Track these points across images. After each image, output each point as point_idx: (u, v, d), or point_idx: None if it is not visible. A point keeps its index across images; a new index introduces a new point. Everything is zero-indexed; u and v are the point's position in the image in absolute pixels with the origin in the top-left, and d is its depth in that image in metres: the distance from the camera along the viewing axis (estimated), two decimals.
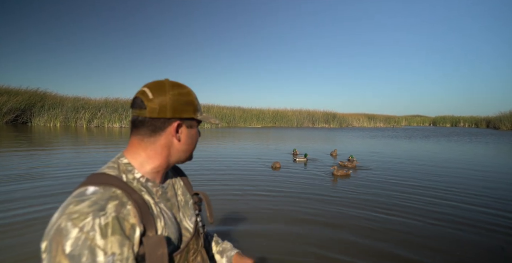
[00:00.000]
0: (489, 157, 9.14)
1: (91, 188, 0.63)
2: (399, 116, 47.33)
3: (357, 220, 3.21)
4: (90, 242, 0.55)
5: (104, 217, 0.58)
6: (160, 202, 0.72)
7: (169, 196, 0.77)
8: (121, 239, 0.58)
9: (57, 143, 10.03)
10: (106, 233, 0.57)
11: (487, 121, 36.99)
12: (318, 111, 34.82)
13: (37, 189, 4.06)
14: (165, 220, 0.70)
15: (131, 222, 0.60)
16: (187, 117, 0.73)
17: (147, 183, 0.72)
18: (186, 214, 0.81)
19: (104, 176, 0.67)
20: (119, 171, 0.69)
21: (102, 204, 0.59)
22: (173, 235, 0.70)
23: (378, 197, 4.15)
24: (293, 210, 3.49)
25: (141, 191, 0.69)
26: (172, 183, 0.82)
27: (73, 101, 21.61)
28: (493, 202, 3.99)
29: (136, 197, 0.65)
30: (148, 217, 0.64)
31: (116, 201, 0.61)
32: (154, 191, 0.72)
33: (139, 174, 0.72)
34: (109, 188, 0.63)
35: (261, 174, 5.61)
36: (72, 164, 5.94)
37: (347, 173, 5.98)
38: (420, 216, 3.36)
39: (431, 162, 7.64)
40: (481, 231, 2.96)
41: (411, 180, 5.38)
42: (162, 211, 0.71)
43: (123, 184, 0.66)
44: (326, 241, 2.64)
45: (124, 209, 0.61)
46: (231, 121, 29.15)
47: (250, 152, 8.97)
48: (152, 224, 0.64)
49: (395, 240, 2.71)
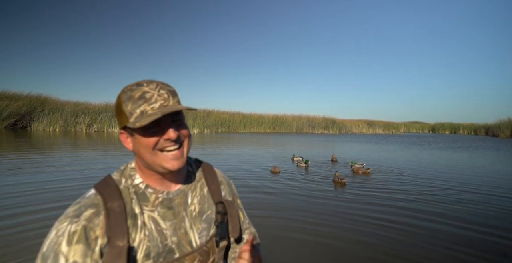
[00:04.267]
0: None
1: (92, 191, 0.66)
2: (398, 122, 47.44)
3: (359, 224, 3.20)
4: (57, 246, 0.58)
5: (75, 225, 0.59)
6: (154, 210, 0.68)
7: (174, 204, 0.72)
8: (84, 249, 0.58)
9: (57, 147, 10.01)
10: (72, 240, 0.58)
11: (486, 128, 37.04)
12: (317, 117, 34.91)
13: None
14: (149, 231, 0.66)
15: (97, 233, 0.60)
16: (124, 126, 0.68)
17: (147, 189, 0.70)
18: (195, 225, 0.73)
19: (106, 180, 0.68)
20: (121, 176, 0.70)
21: (82, 211, 0.61)
22: (155, 247, 0.65)
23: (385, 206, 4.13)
24: (293, 213, 3.48)
25: (131, 199, 0.67)
26: (188, 190, 0.76)
27: (73, 106, 21.63)
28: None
29: (115, 205, 0.63)
30: (120, 227, 0.62)
31: (93, 210, 0.62)
32: (152, 198, 0.69)
33: (139, 179, 0.70)
34: (97, 194, 0.64)
35: (260, 178, 5.59)
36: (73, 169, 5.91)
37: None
38: (423, 214, 3.35)
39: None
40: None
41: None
42: (150, 220, 0.67)
43: (112, 191, 0.65)
44: (327, 245, 2.63)
45: (97, 218, 0.61)
46: (231, 127, 29.14)
47: (249, 156, 8.95)
48: (125, 234, 0.62)
49: (397, 245, 2.69)
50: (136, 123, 0.61)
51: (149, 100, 0.63)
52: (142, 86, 0.65)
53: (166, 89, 0.67)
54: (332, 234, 2.90)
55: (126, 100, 0.64)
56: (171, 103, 0.66)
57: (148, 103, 0.63)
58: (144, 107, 0.63)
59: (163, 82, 0.69)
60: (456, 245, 2.71)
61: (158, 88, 0.65)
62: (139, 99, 0.63)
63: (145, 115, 0.62)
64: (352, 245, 2.67)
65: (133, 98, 0.64)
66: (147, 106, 0.63)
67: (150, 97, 0.64)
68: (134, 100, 0.63)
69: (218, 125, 27.65)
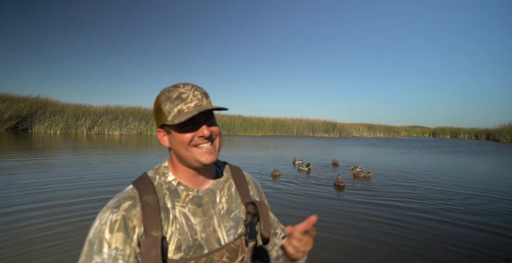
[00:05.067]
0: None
1: (130, 186, 0.72)
2: (398, 126, 47.40)
3: (362, 228, 3.17)
4: (101, 233, 0.63)
5: (116, 214, 0.65)
6: (185, 206, 0.73)
7: (204, 201, 0.76)
8: (124, 237, 0.64)
9: (58, 150, 9.99)
10: (113, 228, 0.64)
11: (486, 133, 37.02)
12: (318, 121, 34.93)
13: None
14: (180, 225, 0.70)
15: (134, 223, 0.65)
16: (163, 124, 0.73)
17: (179, 186, 0.75)
18: (223, 223, 0.77)
19: (143, 177, 0.74)
20: (156, 173, 0.76)
21: (121, 202, 0.67)
22: (186, 241, 0.69)
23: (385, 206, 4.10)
24: (293, 218, 3.45)
25: (165, 194, 0.72)
26: (216, 189, 0.80)
27: (74, 109, 21.69)
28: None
29: (149, 199, 0.69)
30: (154, 219, 0.67)
31: (131, 201, 0.68)
32: (183, 195, 0.74)
33: (172, 177, 0.75)
34: (133, 189, 0.70)
35: (261, 181, 5.56)
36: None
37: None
38: (426, 215, 3.32)
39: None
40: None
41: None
42: (182, 215, 0.71)
43: (147, 186, 0.71)
44: (327, 247, 2.60)
45: (134, 209, 0.67)
46: (231, 130, 29.18)
47: (250, 160, 8.93)
48: (159, 226, 0.66)
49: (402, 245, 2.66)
50: (175, 120, 0.67)
51: (185, 100, 0.70)
52: (179, 88, 0.71)
53: (200, 90, 0.73)
54: (335, 237, 2.87)
55: (164, 101, 0.71)
56: (204, 103, 0.72)
57: (185, 102, 0.69)
58: (181, 106, 0.69)
59: (197, 85, 0.75)
60: (458, 246, 2.68)
61: (193, 89, 0.72)
62: (176, 99, 0.69)
63: (182, 114, 0.68)
64: (354, 248, 2.64)
65: (171, 98, 0.70)
66: (184, 106, 0.69)
67: (186, 97, 0.70)
68: (172, 100, 0.69)
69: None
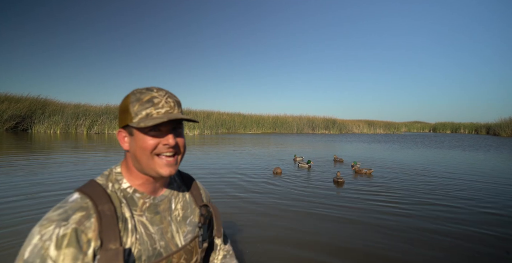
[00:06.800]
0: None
1: (76, 195, 0.65)
2: (398, 122, 47.38)
3: (363, 225, 3.17)
4: (43, 251, 0.56)
5: (64, 228, 0.58)
6: (142, 215, 0.70)
7: (160, 209, 0.74)
8: (75, 253, 0.57)
9: (58, 149, 9.99)
10: (61, 244, 0.57)
11: (487, 127, 36.97)
12: (318, 118, 34.90)
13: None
14: (139, 234, 0.67)
15: (89, 236, 0.60)
16: (126, 125, 0.69)
17: (135, 194, 0.71)
18: (181, 229, 0.77)
19: (91, 184, 0.68)
20: (107, 180, 0.70)
21: (69, 214, 0.60)
22: (146, 251, 0.67)
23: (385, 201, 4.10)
24: (293, 216, 3.45)
25: (121, 203, 0.68)
26: (171, 196, 0.79)
27: (74, 108, 21.67)
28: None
29: (106, 208, 0.64)
30: (112, 230, 0.63)
31: (83, 212, 0.62)
32: (140, 203, 0.70)
33: (127, 184, 0.71)
34: (85, 198, 0.64)
35: (262, 179, 5.56)
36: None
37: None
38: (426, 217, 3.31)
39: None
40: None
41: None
42: (140, 224, 0.69)
43: (100, 194, 0.66)
44: (328, 247, 2.60)
45: (88, 221, 0.61)
46: (231, 128, 29.15)
47: (251, 157, 8.93)
48: (117, 237, 0.63)
49: (401, 241, 2.66)
50: (141, 123, 0.64)
51: (156, 105, 0.67)
52: (152, 92, 0.68)
53: (173, 98, 0.71)
54: (336, 236, 2.87)
55: (134, 101, 0.67)
56: (175, 112, 0.70)
57: (155, 107, 0.67)
58: (150, 110, 0.66)
59: (171, 92, 0.73)
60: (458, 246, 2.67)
61: (167, 96, 0.69)
62: (147, 102, 0.67)
63: (150, 118, 0.65)
64: (356, 247, 2.64)
65: (141, 100, 0.67)
66: (154, 110, 0.67)
67: (158, 102, 0.67)
68: (142, 103, 0.67)
69: (218, 126, 27.65)
